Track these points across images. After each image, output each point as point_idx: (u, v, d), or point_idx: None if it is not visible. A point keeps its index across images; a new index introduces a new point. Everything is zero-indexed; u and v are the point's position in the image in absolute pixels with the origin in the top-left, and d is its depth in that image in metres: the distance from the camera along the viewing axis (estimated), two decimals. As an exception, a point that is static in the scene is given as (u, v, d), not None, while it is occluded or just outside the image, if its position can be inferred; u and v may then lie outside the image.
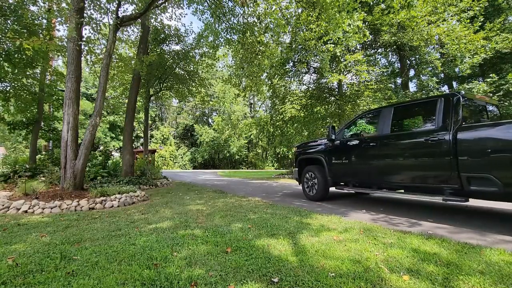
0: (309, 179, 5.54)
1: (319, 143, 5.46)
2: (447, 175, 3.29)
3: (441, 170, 3.37)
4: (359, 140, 4.56)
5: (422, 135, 3.64)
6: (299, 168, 5.87)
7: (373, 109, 4.65)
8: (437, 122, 3.52)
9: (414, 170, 3.75)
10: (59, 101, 11.29)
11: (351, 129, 5.06)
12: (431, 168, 3.51)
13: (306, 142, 6.09)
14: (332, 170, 4.99)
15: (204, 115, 42.76)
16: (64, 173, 5.69)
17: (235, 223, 3.41)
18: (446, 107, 3.49)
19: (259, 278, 1.83)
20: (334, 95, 13.19)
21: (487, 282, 1.75)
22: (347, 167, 4.74)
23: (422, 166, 3.61)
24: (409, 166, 3.79)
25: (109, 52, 6.28)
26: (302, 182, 5.75)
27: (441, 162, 3.34)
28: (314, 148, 5.56)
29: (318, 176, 5.24)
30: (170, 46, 12.08)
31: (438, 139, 3.38)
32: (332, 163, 4.99)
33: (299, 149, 6.08)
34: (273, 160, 37.98)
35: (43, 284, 1.77)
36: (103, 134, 32.12)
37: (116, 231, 3.05)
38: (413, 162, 3.73)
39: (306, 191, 5.63)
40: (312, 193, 5.44)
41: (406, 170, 3.85)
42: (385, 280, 1.79)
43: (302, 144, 6.16)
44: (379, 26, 10.61)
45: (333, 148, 5.02)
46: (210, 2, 7.57)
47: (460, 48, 10.29)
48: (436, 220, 3.54)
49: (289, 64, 13.55)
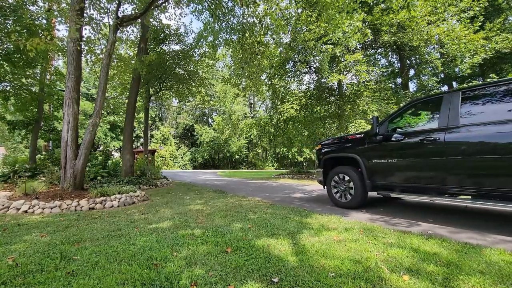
0: (339, 183, 4.67)
1: (354, 139, 4.55)
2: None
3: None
4: (414, 134, 3.70)
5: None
6: (324, 169, 5.02)
7: (430, 95, 3.86)
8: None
9: (497, 171, 3.00)
10: (59, 101, 11.30)
11: (396, 121, 4.16)
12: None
13: (334, 138, 5.20)
14: (372, 171, 4.14)
15: (204, 115, 42.79)
16: (64, 173, 5.70)
17: (235, 223, 3.41)
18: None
19: (259, 278, 1.83)
20: (334, 95, 13.19)
21: (487, 282, 1.75)
22: (394, 168, 3.89)
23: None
24: (489, 167, 3.07)
25: (109, 52, 6.28)
26: (329, 186, 4.87)
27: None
28: (347, 145, 4.63)
29: (354, 179, 4.39)
30: (170, 46, 12.10)
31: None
32: (372, 163, 4.13)
33: (324, 147, 5.15)
34: (273, 160, 38.01)
35: (43, 284, 1.77)
36: (103, 134, 32.12)
37: (116, 231, 3.05)
38: (495, 161, 2.99)
39: (334, 197, 4.75)
40: (345, 199, 4.54)
41: (484, 172, 3.11)
42: (385, 280, 1.79)
43: (329, 141, 5.21)
44: (379, 26, 10.61)
45: (376, 144, 4.09)
46: (210, 2, 7.57)
47: (460, 48, 10.30)
48: (436, 220, 3.54)
49: (289, 64, 13.56)
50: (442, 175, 3.39)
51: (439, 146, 3.37)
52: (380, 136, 4.02)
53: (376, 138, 4.05)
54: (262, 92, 11.15)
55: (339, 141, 4.90)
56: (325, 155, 5.02)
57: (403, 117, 4.19)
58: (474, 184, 3.19)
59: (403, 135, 3.79)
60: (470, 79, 14.74)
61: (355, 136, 4.56)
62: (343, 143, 4.77)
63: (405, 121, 4.21)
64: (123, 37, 11.06)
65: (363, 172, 4.25)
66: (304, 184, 9.58)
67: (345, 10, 6.08)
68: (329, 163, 5.04)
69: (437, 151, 3.40)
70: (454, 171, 3.29)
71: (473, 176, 3.19)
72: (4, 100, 9.82)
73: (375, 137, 4.06)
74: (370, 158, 4.17)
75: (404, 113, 4.14)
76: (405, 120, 4.21)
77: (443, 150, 3.35)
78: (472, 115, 3.33)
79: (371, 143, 4.16)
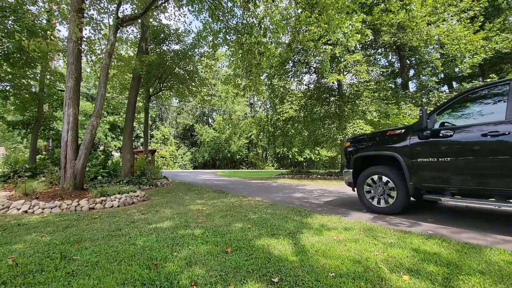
0: (373, 185, 4.16)
1: (393, 134, 4.00)
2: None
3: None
4: (472, 129, 3.16)
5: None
6: (354, 169, 4.49)
7: (492, 83, 3.33)
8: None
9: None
10: (59, 101, 11.31)
11: (445, 114, 3.61)
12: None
13: (366, 135, 4.69)
14: (416, 172, 3.62)
15: (204, 115, 42.81)
16: (64, 173, 5.70)
17: (235, 223, 3.41)
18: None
19: (259, 278, 1.83)
20: (334, 95, 13.19)
21: (487, 282, 1.75)
22: (446, 168, 3.34)
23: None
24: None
25: (109, 52, 6.28)
26: (360, 189, 4.33)
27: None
28: (384, 142, 4.10)
29: (394, 181, 3.89)
30: (170, 46, 12.11)
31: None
32: (417, 163, 3.60)
33: (354, 144, 4.61)
34: (273, 160, 38.05)
35: (43, 284, 1.76)
36: (103, 134, 32.14)
37: (116, 231, 3.05)
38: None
39: (368, 201, 4.21)
40: (384, 204, 4.00)
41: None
42: (385, 280, 1.79)
43: (360, 137, 4.67)
44: (379, 26, 10.62)
45: (422, 140, 3.56)
46: (210, 3, 7.58)
47: (460, 48, 10.31)
48: (436, 220, 3.54)
49: (289, 64, 13.56)
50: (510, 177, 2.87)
51: (508, 142, 2.86)
52: (427, 131, 3.47)
53: (423, 134, 3.50)
54: (262, 92, 11.15)
55: (373, 138, 4.40)
56: (356, 154, 4.46)
57: (454, 109, 3.60)
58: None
59: (456, 130, 3.28)
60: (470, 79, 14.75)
61: (394, 131, 4.04)
62: (378, 140, 4.27)
63: (456, 113, 3.60)
64: (123, 37, 11.08)
65: (405, 172, 3.74)
66: (304, 184, 9.58)
67: (345, 11, 6.08)
68: (360, 162, 4.51)
69: (505, 148, 2.89)
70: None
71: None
72: (3, 100, 9.82)
73: (422, 132, 3.51)
74: (415, 157, 3.63)
75: (456, 104, 3.55)
76: (456, 112, 3.60)
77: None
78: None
79: (417, 139, 3.61)
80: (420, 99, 12.98)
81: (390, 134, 4.04)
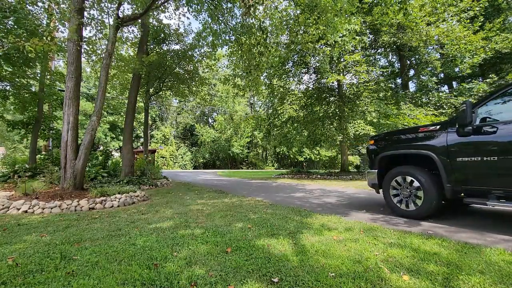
0: (399, 187, 3.86)
1: (426, 131, 3.64)
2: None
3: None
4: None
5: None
6: (379, 169, 4.16)
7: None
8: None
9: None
10: (59, 101, 11.30)
11: (487, 108, 3.21)
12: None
13: (392, 133, 4.30)
14: (455, 173, 3.25)
15: (204, 115, 42.80)
16: (64, 173, 5.69)
17: (235, 223, 3.41)
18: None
19: (259, 278, 1.83)
20: (334, 95, 13.20)
21: (487, 282, 1.75)
22: (495, 169, 2.97)
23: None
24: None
25: (110, 52, 6.28)
26: (386, 191, 4.03)
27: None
28: (416, 140, 3.74)
29: (425, 183, 3.55)
30: (170, 46, 12.11)
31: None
32: (457, 162, 3.23)
33: (379, 143, 4.29)
34: (273, 160, 38.05)
35: (43, 284, 1.76)
36: (103, 134, 32.13)
37: (116, 231, 3.05)
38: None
39: (395, 204, 3.89)
40: (413, 207, 3.67)
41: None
42: (385, 280, 1.79)
43: (385, 136, 4.30)
44: (379, 26, 10.62)
45: (464, 137, 3.18)
46: (209, 3, 7.58)
47: (460, 48, 10.32)
48: (436, 220, 3.54)
49: (289, 64, 13.57)
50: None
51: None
52: (469, 127, 3.10)
53: (464, 130, 3.14)
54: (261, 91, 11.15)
55: (401, 135, 4.03)
56: (382, 153, 4.12)
57: (498, 103, 3.21)
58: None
59: (505, 125, 2.93)
60: (470, 79, 14.76)
61: (427, 128, 3.66)
62: (408, 138, 3.90)
63: (499, 108, 3.22)
64: (123, 37, 11.08)
65: (441, 173, 3.36)
66: (304, 184, 9.58)
67: (344, 14, 6.10)
68: (387, 162, 4.19)
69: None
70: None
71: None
72: (3, 99, 9.82)
73: (463, 128, 3.14)
74: (454, 156, 3.25)
75: (499, 98, 3.15)
76: (499, 106, 3.21)
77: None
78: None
79: (456, 135, 3.24)
80: (420, 99, 12.99)
81: (423, 131, 3.69)
